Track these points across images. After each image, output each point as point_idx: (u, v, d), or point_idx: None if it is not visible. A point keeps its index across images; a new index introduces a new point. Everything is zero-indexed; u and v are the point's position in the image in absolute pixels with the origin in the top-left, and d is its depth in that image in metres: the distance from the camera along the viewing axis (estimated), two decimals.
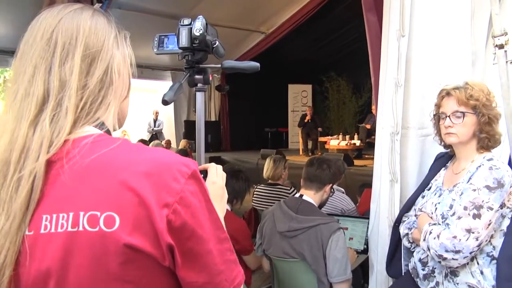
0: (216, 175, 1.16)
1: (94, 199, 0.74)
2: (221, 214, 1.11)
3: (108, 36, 0.86)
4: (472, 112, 1.87)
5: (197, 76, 1.29)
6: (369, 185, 2.72)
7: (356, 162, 7.95)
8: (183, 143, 9.26)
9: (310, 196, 2.51)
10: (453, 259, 1.73)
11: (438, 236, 1.77)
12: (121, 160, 0.77)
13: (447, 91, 1.94)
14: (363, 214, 3.63)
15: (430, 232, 1.81)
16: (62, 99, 0.79)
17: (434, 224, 1.86)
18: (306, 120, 10.67)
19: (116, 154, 0.78)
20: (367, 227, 2.83)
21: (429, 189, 2.07)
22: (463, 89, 1.89)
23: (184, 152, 6.47)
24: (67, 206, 0.74)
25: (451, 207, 1.83)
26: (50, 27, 0.82)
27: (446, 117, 1.93)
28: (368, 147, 9.08)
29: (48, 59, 0.80)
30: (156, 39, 1.26)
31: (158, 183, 0.75)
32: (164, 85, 12.34)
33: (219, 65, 1.28)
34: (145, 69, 10.54)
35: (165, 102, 1.11)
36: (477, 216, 1.71)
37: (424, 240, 1.83)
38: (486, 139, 1.86)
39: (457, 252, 1.72)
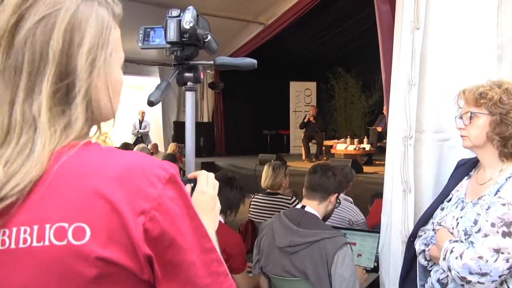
0: (207, 184, 1.17)
1: (61, 209, 0.74)
2: (213, 228, 1.12)
3: (87, 51, 0.80)
4: (484, 113, 1.87)
5: (186, 74, 1.29)
6: (382, 194, 2.73)
7: (366, 168, 7.98)
8: (172, 147, 9.26)
9: (313, 207, 2.51)
10: (478, 282, 1.70)
11: (460, 256, 1.74)
12: (90, 166, 0.77)
13: (461, 91, 1.96)
14: (374, 227, 3.63)
15: (452, 251, 1.79)
16: (28, 140, 0.76)
17: (456, 241, 1.84)
18: (306, 120, 10.68)
19: (85, 159, 0.78)
20: (378, 242, 2.82)
21: (449, 201, 2.06)
22: (476, 87, 1.90)
23: (172, 157, 6.47)
24: (31, 219, 0.74)
25: (475, 222, 1.81)
26: (21, 42, 0.77)
27: (460, 119, 1.95)
28: (379, 152, 9.09)
29: (14, 87, 0.77)
30: (141, 32, 1.27)
31: (133, 189, 0.75)
32: (151, 82, 12.34)
33: (211, 62, 1.29)
34: (129, 64, 10.54)
35: (150, 103, 1.11)
36: (507, 234, 1.69)
37: (444, 259, 1.81)
38: (499, 142, 1.86)
39: (484, 274, 1.69)
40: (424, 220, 2.14)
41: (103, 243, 0.73)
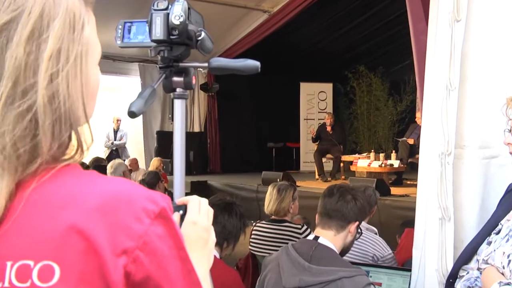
0: (199, 212, 1.17)
1: (27, 244, 0.75)
2: (206, 266, 1.12)
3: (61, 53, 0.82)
4: None
5: (175, 79, 1.29)
6: (413, 223, 2.73)
7: (394, 190, 7.96)
8: (154, 162, 9.23)
9: (328, 238, 2.51)
10: None
11: None
12: (66, 194, 0.78)
13: (509, 98, 1.97)
14: (404, 264, 3.62)
15: None
16: None
17: (508, 283, 1.84)
18: (314, 135, 10.68)
19: (60, 186, 0.79)
20: (409, 283, 2.82)
21: (498, 233, 2.05)
22: None
23: (156, 176, 6.44)
24: None
25: None
26: None
27: (508, 132, 1.96)
28: (411, 170, 9.10)
29: None
30: (120, 27, 1.27)
31: (115, 224, 0.76)
32: (129, 82, 12.35)
33: (206, 64, 1.29)
34: (103, 60, 10.29)
35: (132, 114, 1.11)
36: None
37: None
38: None
39: None
40: (466, 256, 2.13)
41: (74, 286, 0.74)
